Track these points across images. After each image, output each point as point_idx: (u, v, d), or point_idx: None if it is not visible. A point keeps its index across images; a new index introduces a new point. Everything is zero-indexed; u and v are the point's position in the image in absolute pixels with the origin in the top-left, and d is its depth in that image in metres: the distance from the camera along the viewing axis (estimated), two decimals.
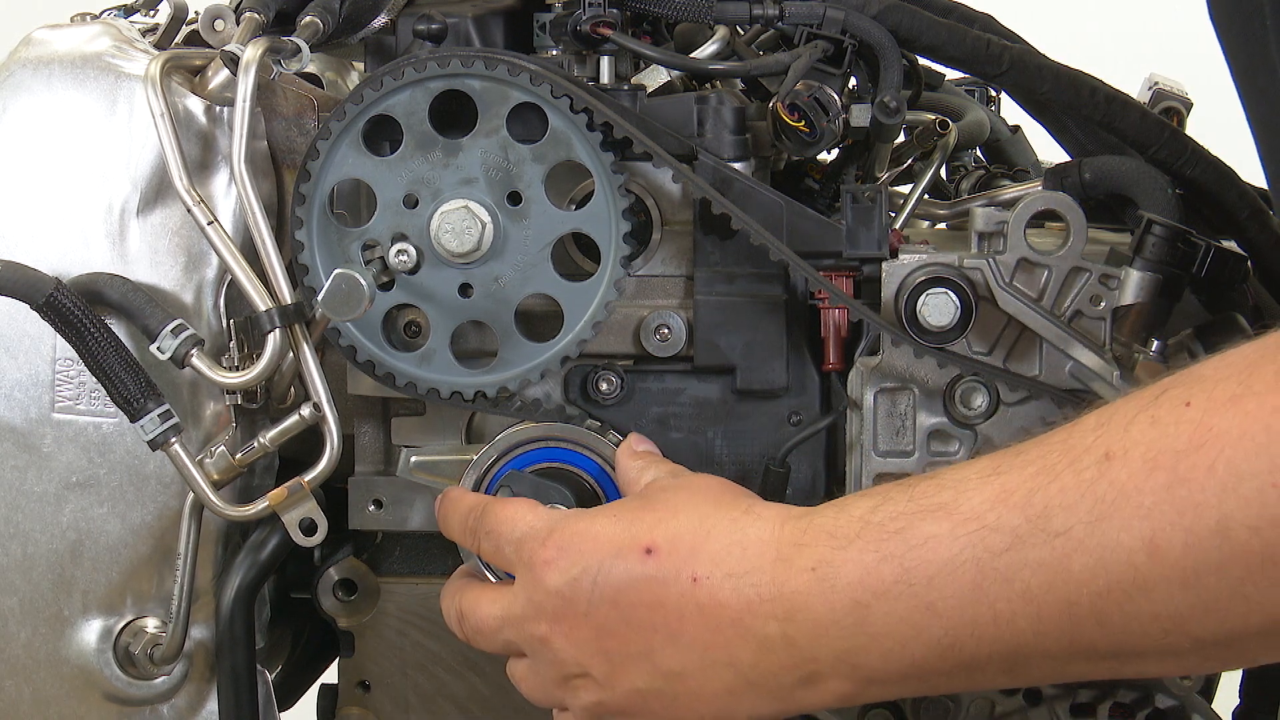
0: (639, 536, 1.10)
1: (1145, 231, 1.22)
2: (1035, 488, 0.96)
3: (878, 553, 1.01)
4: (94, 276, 1.28)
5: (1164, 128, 1.31)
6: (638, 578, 1.09)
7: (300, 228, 1.26)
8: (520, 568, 1.16)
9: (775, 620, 1.04)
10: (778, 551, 1.06)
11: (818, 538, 1.05)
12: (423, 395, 1.29)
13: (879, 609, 1.01)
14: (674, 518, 1.11)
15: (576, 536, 1.13)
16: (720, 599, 1.06)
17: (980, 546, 0.97)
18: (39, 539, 1.31)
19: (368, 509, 1.35)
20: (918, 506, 1.01)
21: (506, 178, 1.25)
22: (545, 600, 1.13)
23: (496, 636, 1.19)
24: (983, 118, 1.58)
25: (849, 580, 1.02)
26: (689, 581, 1.08)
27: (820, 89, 1.27)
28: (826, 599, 1.03)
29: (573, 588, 1.11)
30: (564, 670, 1.14)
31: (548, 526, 1.15)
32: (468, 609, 1.21)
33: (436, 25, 1.31)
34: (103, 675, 1.33)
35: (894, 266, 1.26)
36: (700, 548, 1.09)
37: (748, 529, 1.09)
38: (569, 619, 1.12)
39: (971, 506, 0.99)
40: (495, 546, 1.19)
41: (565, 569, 1.12)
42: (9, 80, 1.30)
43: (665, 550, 1.09)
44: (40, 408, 1.31)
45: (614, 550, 1.11)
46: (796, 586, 1.04)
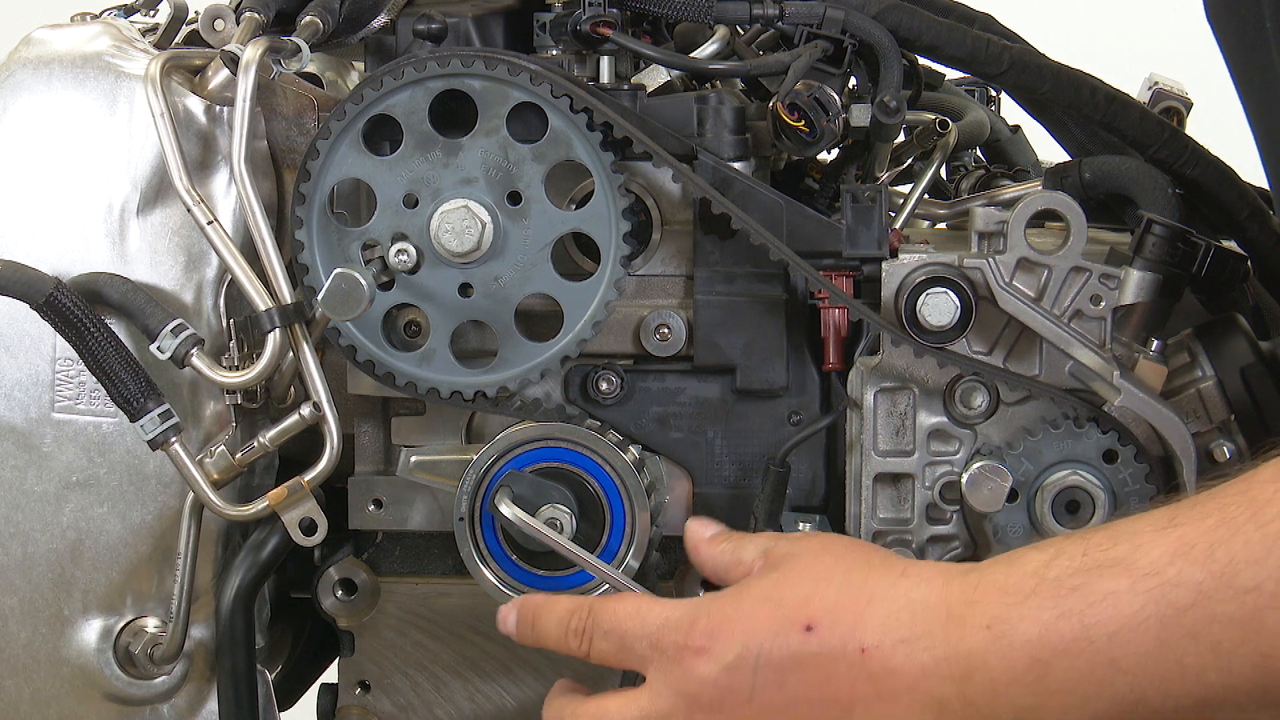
0: (795, 613, 1.06)
1: (1145, 231, 1.22)
2: (1217, 541, 0.95)
3: (1056, 609, 0.99)
4: (94, 276, 1.28)
5: (1164, 127, 1.31)
6: (802, 655, 1.05)
7: (300, 227, 1.26)
8: (660, 663, 1.10)
9: (952, 682, 1.01)
10: (948, 611, 1.03)
11: (989, 594, 1.02)
12: (423, 395, 1.29)
13: (1059, 666, 0.98)
14: (826, 587, 1.07)
15: (727, 620, 1.08)
16: (892, 666, 1.03)
17: (1163, 602, 0.96)
18: (39, 538, 1.31)
19: (368, 509, 1.35)
20: (1094, 561, 0.99)
21: (506, 177, 1.25)
22: (700, 691, 1.08)
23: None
24: (983, 117, 1.58)
25: (1027, 637, 0.99)
26: (857, 653, 1.04)
27: (820, 89, 1.27)
28: (1004, 657, 1.00)
29: (732, 675, 1.07)
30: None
31: (689, 614, 1.10)
32: (588, 716, 1.14)
33: (436, 25, 1.31)
34: (103, 675, 1.33)
35: (894, 266, 1.26)
36: (864, 616, 1.05)
37: (911, 591, 1.05)
38: (729, 707, 1.07)
39: (1150, 561, 0.97)
40: (619, 644, 1.13)
41: (720, 655, 1.07)
42: (9, 80, 1.30)
43: (827, 624, 1.05)
44: (40, 407, 1.31)
45: (772, 630, 1.06)
46: (972, 646, 1.01)
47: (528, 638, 1.20)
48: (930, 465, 1.28)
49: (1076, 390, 1.25)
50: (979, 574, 1.04)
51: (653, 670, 1.11)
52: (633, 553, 1.29)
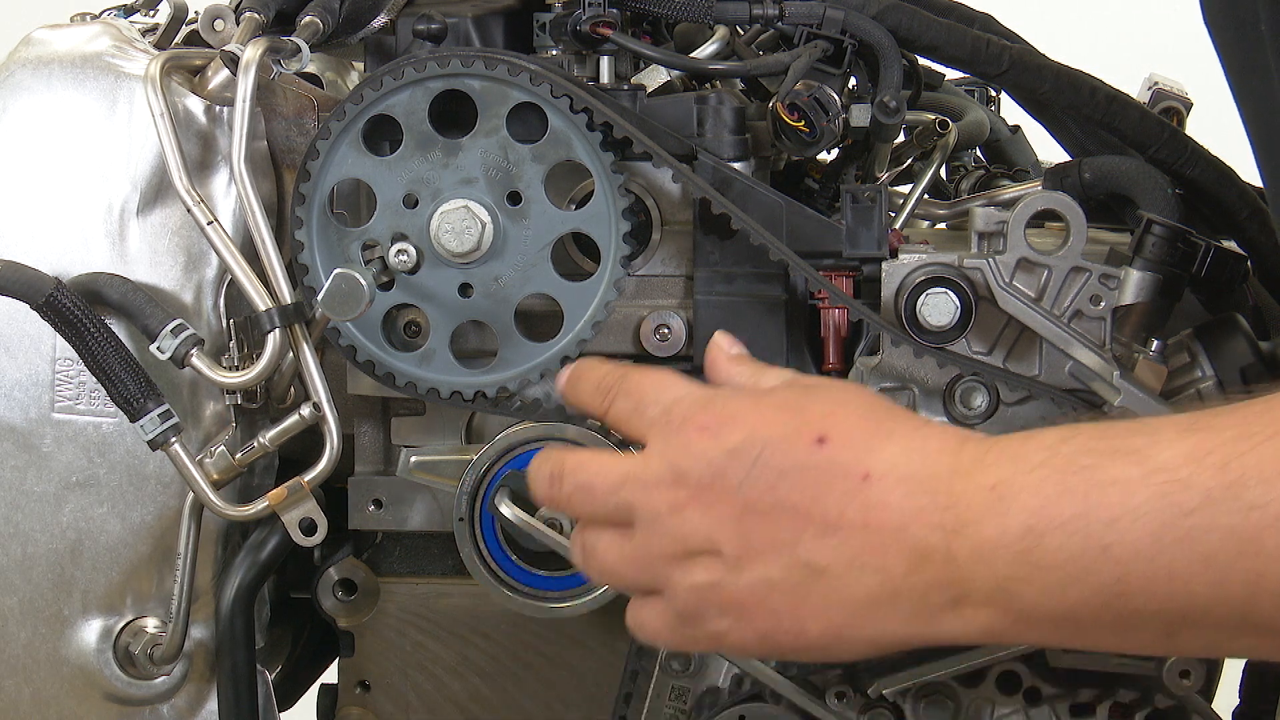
0: (810, 424, 1.03)
1: (1145, 231, 1.22)
2: (1234, 453, 0.93)
3: (1061, 484, 0.97)
4: (94, 276, 1.29)
5: (1164, 127, 1.31)
6: (805, 464, 1.02)
7: (300, 227, 1.26)
8: (664, 431, 1.07)
9: (941, 531, 0.99)
10: (956, 464, 1.00)
11: (1000, 458, 1.00)
12: (422, 395, 1.29)
13: (1052, 540, 0.96)
14: (848, 410, 1.05)
15: (742, 410, 1.06)
16: (889, 501, 1.00)
17: (1168, 500, 0.94)
18: (39, 539, 1.31)
19: (368, 509, 1.35)
20: (1109, 446, 0.97)
21: (506, 177, 1.25)
22: (692, 466, 1.04)
23: (610, 496, 1.08)
24: (982, 118, 1.58)
25: (1026, 505, 0.97)
26: (860, 477, 1.01)
27: (820, 89, 1.27)
28: (999, 520, 0.97)
29: (729, 460, 1.03)
30: (685, 544, 1.05)
31: (708, 395, 1.08)
32: (575, 466, 1.10)
33: (436, 25, 1.31)
34: (103, 675, 1.33)
35: (894, 266, 1.26)
36: (877, 447, 1.02)
37: (929, 438, 1.03)
38: (714, 491, 1.03)
39: (1164, 458, 0.95)
40: (635, 406, 1.11)
41: (724, 439, 1.04)
42: (9, 80, 1.30)
43: (839, 442, 1.02)
44: (40, 407, 1.31)
45: (784, 433, 1.03)
46: (971, 502, 0.98)
47: (568, 394, 1.18)
48: None
49: (1076, 390, 1.25)
50: (994, 440, 1.02)
51: (654, 436, 1.08)
52: None
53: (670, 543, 1.05)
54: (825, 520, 1.01)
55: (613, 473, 1.08)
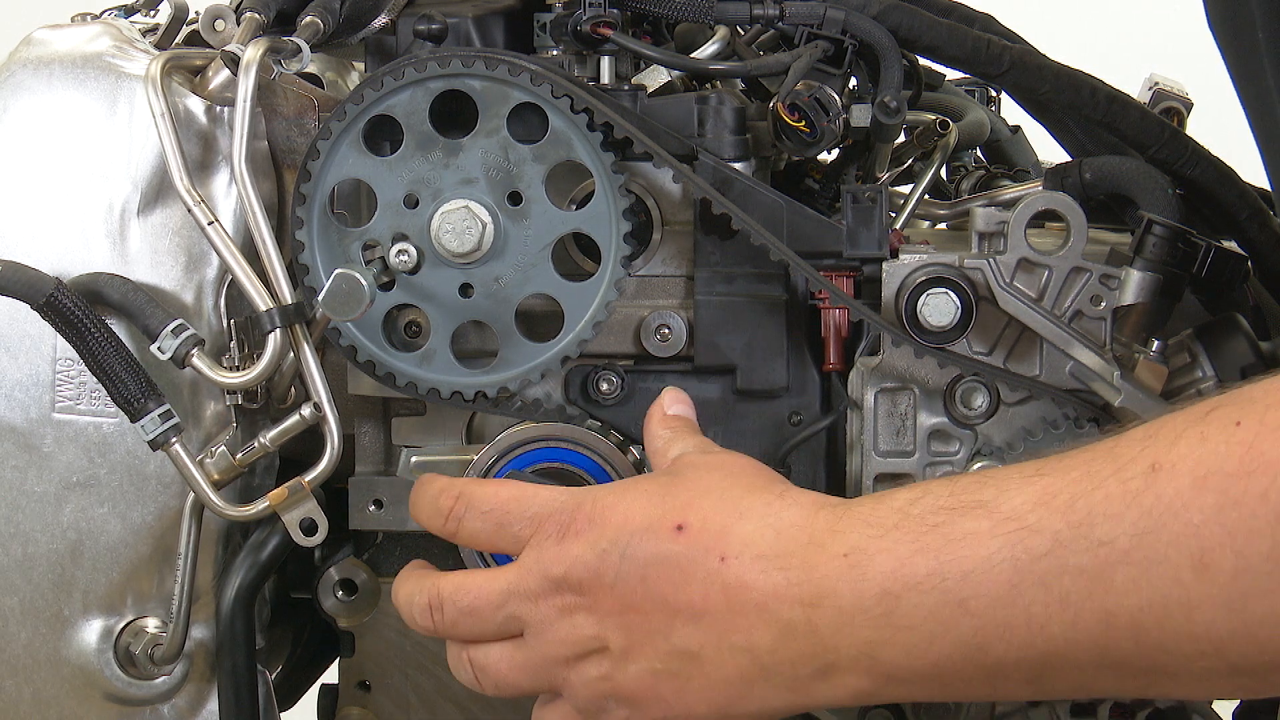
0: (670, 514, 1.08)
1: (1146, 231, 1.22)
2: (1079, 493, 0.95)
3: (914, 544, 0.99)
4: (94, 276, 1.29)
5: (1164, 128, 1.31)
6: (666, 554, 1.07)
7: (301, 228, 1.26)
8: (537, 541, 1.12)
9: (801, 605, 1.02)
10: (810, 536, 1.04)
11: (853, 525, 1.03)
12: (423, 395, 1.29)
13: (909, 601, 0.99)
14: (706, 497, 1.09)
15: (607, 509, 1.10)
16: (747, 580, 1.04)
17: (1019, 547, 0.96)
18: (39, 539, 1.31)
19: (368, 509, 1.35)
20: (958, 502, 1.00)
21: (507, 178, 1.25)
22: (568, 572, 1.09)
23: (496, 614, 1.13)
24: (983, 118, 1.58)
25: (881, 569, 1.00)
26: (717, 561, 1.05)
27: (820, 89, 1.27)
28: (856, 587, 1.00)
29: (601, 559, 1.08)
30: (576, 645, 1.10)
31: (575, 500, 1.13)
32: (452, 591, 1.15)
33: (437, 25, 1.31)
34: (103, 675, 1.33)
35: (894, 266, 1.26)
36: (731, 528, 1.06)
37: (782, 513, 1.06)
38: (594, 590, 1.09)
39: (1013, 506, 0.97)
40: (497, 525, 1.15)
41: (594, 541, 1.09)
42: (9, 80, 1.30)
43: (696, 528, 1.07)
44: (41, 408, 1.31)
45: (645, 525, 1.08)
46: (826, 572, 1.02)
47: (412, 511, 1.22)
48: (931, 466, 1.28)
49: (1077, 390, 1.25)
50: (847, 507, 1.05)
51: (528, 549, 1.12)
52: None
53: (562, 646, 1.10)
54: (691, 607, 1.06)
55: (494, 591, 1.13)
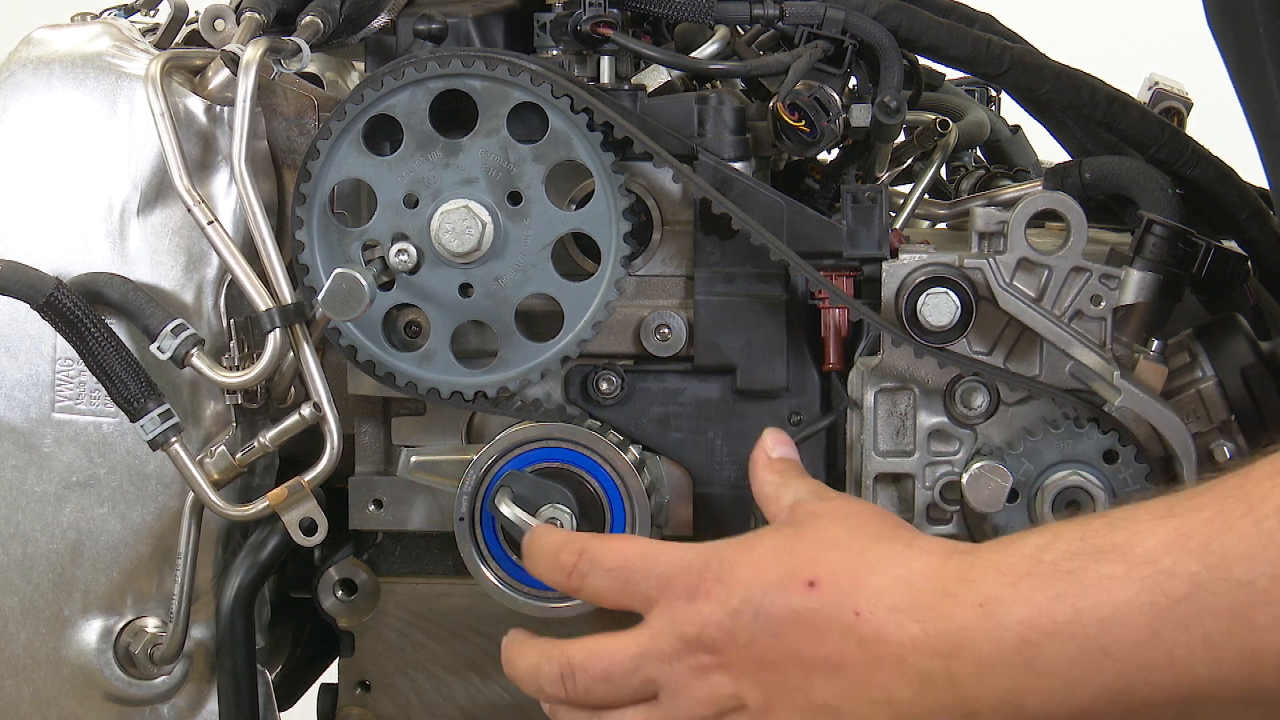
0: (800, 569, 1.07)
1: (1146, 231, 1.22)
2: (1213, 534, 0.95)
3: (1050, 591, 0.99)
4: (94, 276, 1.28)
5: (1164, 127, 1.31)
6: (800, 610, 1.06)
7: (300, 227, 1.26)
8: (667, 602, 1.10)
9: (940, 657, 1.01)
10: (943, 586, 1.03)
11: (986, 573, 1.02)
12: (423, 395, 1.29)
13: (1049, 649, 0.98)
14: (834, 551, 1.08)
15: (735, 566, 1.09)
16: (883, 633, 1.03)
17: (1157, 591, 0.96)
18: (39, 539, 1.31)
19: (368, 509, 1.35)
20: (1090, 546, 0.99)
21: (507, 177, 1.25)
22: (702, 633, 1.08)
23: (630, 679, 1.11)
24: (983, 118, 1.58)
25: (1018, 618, 0.99)
26: (852, 615, 1.04)
27: (820, 89, 1.27)
28: (994, 636, 1.00)
29: (734, 619, 1.07)
30: (715, 705, 1.09)
31: (702, 558, 1.11)
32: (583, 659, 1.14)
33: (437, 25, 1.31)
34: (103, 675, 1.33)
35: (894, 266, 1.26)
36: (864, 581, 1.05)
37: (912, 563, 1.05)
38: (729, 650, 1.07)
39: (1146, 549, 0.97)
40: (624, 583, 1.13)
41: (725, 600, 1.08)
42: (9, 80, 1.30)
43: (828, 583, 1.06)
44: (41, 407, 1.31)
45: (776, 581, 1.07)
46: (963, 623, 1.01)
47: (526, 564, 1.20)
48: (931, 465, 1.28)
49: (1077, 390, 1.25)
50: (977, 554, 1.04)
51: (657, 610, 1.11)
52: None
53: (700, 705, 1.09)
54: (828, 662, 1.05)
55: (627, 655, 1.11)
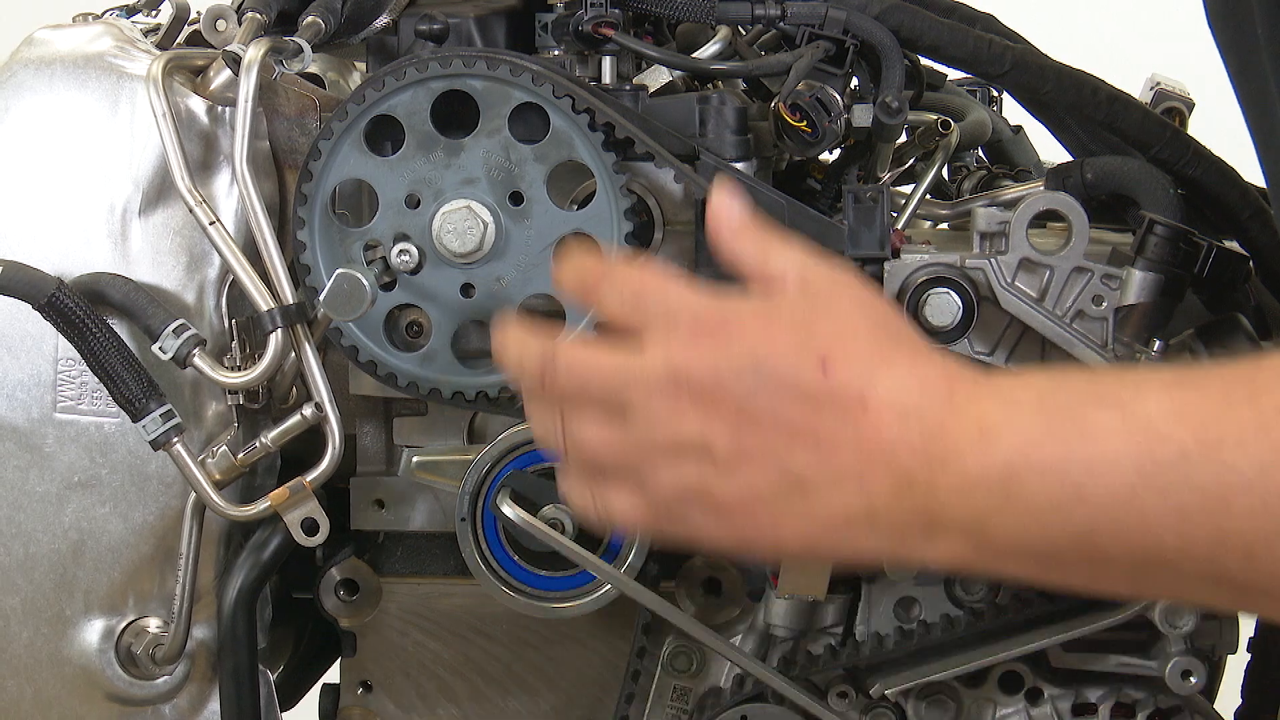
0: (816, 345, 1.05)
1: (1147, 231, 1.22)
2: (1212, 412, 0.96)
3: (1046, 427, 1.00)
4: (96, 276, 1.29)
5: (1166, 128, 1.31)
6: (806, 385, 1.04)
7: (302, 228, 1.26)
8: (667, 330, 1.08)
9: (928, 462, 1.02)
10: (950, 400, 1.03)
11: (991, 396, 1.03)
12: (424, 395, 1.29)
13: (1030, 481, 0.99)
14: (854, 338, 1.06)
15: (750, 325, 1.07)
16: (881, 428, 1.03)
17: (1147, 451, 0.97)
18: (41, 539, 1.31)
19: (370, 509, 1.35)
20: (1095, 395, 1.00)
21: (508, 178, 1.25)
22: (693, 370, 1.06)
23: (608, 389, 1.08)
24: (984, 118, 1.58)
25: (1011, 445, 1.00)
26: (857, 403, 1.04)
27: (822, 89, 1.27)
28: (983, 456, 1.00)
29: (732, 372, 1.05)
30: (677, 439, 1.06)
31: (719, 305, 1.08)
32: (570, 356, 1.10)
33: (438, 25, 1.31)
34: (104, 675, 1.33)
35: (896, 266, 1.26)
36: (877, 375, 1.04)
37: (927, 369, 1.05)
38: (714, 397, 1.05)
39: (1147, 411, 0.98)
40: (638, 302, 1.10)
41: (729, 351, 1.06)
42: (11, 80, 1.30)
43: (841, 367, 1.04)
44: (42, 408, 1.31)
45: (788, 352, 1.05)
46: (959, 436, 1.01)
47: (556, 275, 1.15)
48: None
49: None
50: (989, 378, 1.05)
51: (656, 336, 1.08)
52: (635, 553, 1.29)
53: (664, 436, 1.07)
54: (818, 438, 1.04)
55: (610, 366, 1.08)
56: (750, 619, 1.36)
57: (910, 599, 1.31)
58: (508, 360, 1.13)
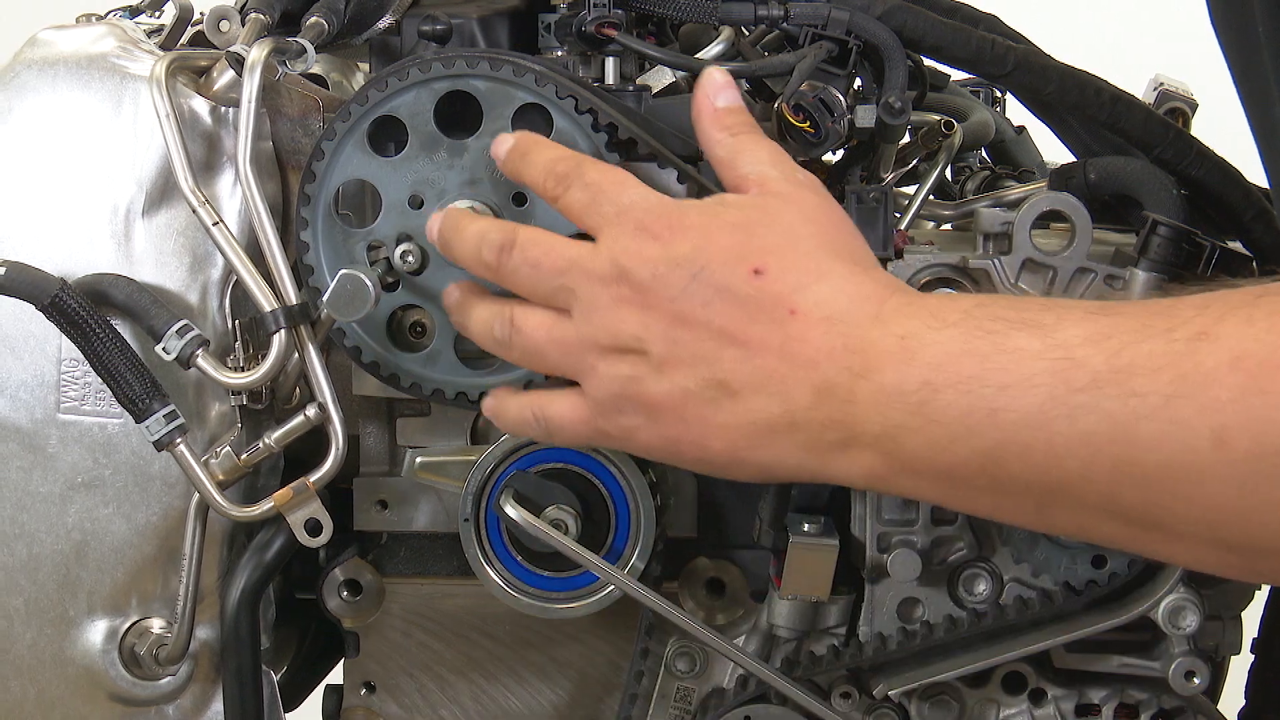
0: (752, 254, 1.09)
1: (1150, 232, 1.22)
2: (1128, 341, 0.97)
3: (965, 344, 1.02)
4: (99, 277, 1.29)
5: (1169, 128, 1.31)
6: (737, 291, 1.08)
7: (305, 228, 1.26)
8: (616, 228, 1.12)
9: (849, 373, 1.04)
10: (878, 312, 1.06)
11: (919, 313, 1.05)
12: (427, 396, 1.28)
13: (945, 397, 1.01)
14: (792, 249, 1.10)
15: (692, 226, 1.11)
16: (808, 337, 1.06)
17: (1060, 376, 0.98)
18: (44, 539, 1.31)
19: (373, 510, 1.36)
20: (1018, 317, 1.02)
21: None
22: (636, 268, 1.10)
23: (555, 278, 1.14)
24: (988, 118, 1.58)
25: (930, 360, 1.02)
26: (785, 311, 1.07)
27: (825, 90, 1.27)
28: (901, 370, 1.03)
29: (671, 268, 1.09)
30: (615, 338, 1.11)
31: (665, 205, 1.13)
32: (527, 240, 1.15)
33: (441, 26, 1.31)
34: (108, 676, 1.33)
35: (899, 267, 1.26)
36: (808, 286, 1.08)
37: (860, 284, 1.08)
38: (652, 294, 1.10)
39: (1065, 335, 0.99)
40: (591, 199, 1.14)
41: (671, 248, 1.10)
42: (14, 81, 1.30)
43: (774, 277, 1.08)
44: (45, 408, 1.31)
45: (725, 257, 1.09)
46: (881, 349, 1.04)
47: (513, 167, 1.20)
48: None
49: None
50: (921, 297, 1.08)
51: (606, 232, 1.13)
52: (638, 554, 1.29)
53: (602, 333, 1.11)
54: (746, 343, 1.07)
55: (561, 256, 1.13)
56: (753, 620, 1.36)
57: (913, 599, 1.31)
58: (466, 240, 1.18)
